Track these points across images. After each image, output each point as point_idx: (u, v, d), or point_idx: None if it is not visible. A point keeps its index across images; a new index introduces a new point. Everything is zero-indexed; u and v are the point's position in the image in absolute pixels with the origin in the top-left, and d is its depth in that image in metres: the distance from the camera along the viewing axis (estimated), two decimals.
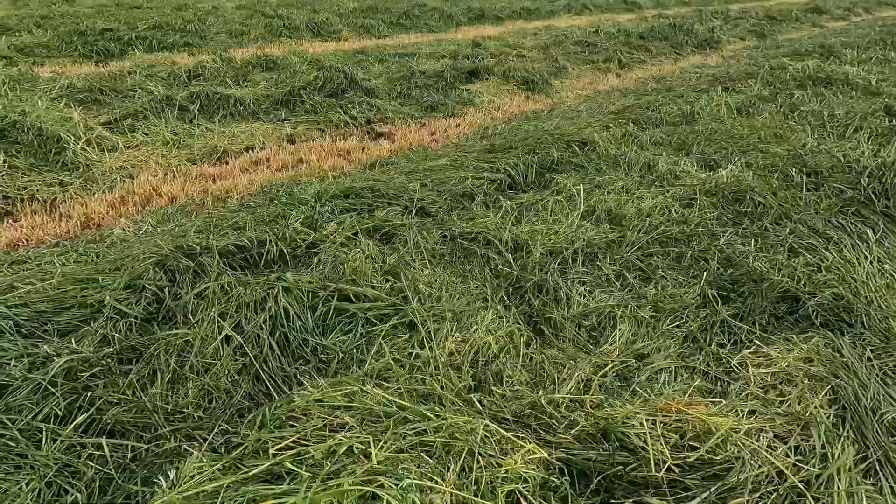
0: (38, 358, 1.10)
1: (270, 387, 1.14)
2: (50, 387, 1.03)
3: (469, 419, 0.90)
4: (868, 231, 1.79)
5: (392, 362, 1.11)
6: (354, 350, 1.24)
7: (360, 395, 0.95)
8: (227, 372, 1.15)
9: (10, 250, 1.89)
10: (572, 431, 0.94)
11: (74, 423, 1.00)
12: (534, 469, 0.84)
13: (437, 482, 0.78)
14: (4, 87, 3.60)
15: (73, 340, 1.20)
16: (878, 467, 1.05)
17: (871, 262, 1.61)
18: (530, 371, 1.22)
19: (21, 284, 1.35)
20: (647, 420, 0.92)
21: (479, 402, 1.04)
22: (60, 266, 1.65)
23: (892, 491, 1.00)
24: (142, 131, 2.91)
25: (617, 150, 2.53)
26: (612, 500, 0.90)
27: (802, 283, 1.52)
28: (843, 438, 1.07)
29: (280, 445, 0.85)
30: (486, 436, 0.89)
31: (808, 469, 0.99)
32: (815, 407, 1.15)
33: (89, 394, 1.05)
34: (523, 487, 0.82)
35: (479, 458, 0.82)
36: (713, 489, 0.89)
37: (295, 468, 0.82)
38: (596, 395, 1.06)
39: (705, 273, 1.57)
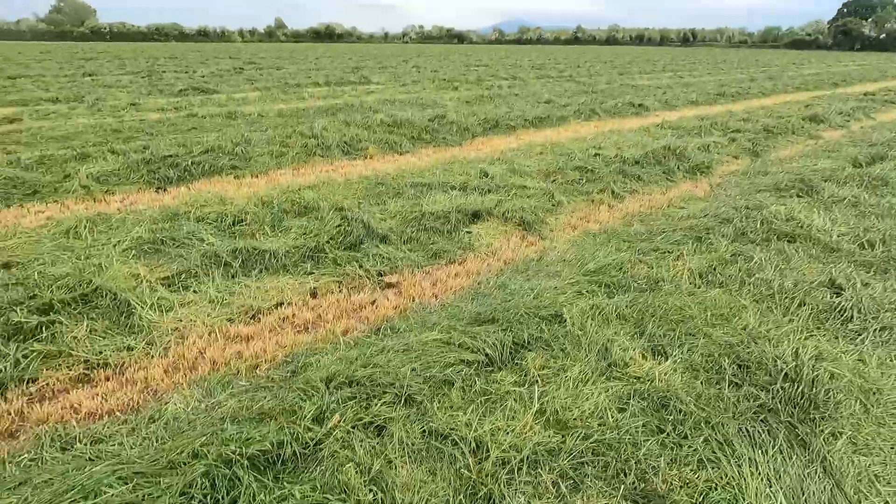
0: None
1: None
2: None
3: None
4: (770, 442, 2.18)
5: None
6: None
7: None
8: None
9: (88, 424, 2.43)
10: None
11: None
12: None
13: None
14: (85, 231, 4.38)
15: None
16: None
17: (760, 481, 2.00)
18: None
19: (105, 488, 1.86)
20: None
21: None
22: (129, 449, 2.18)
23: None
24: (193, 289, 3.54)
25: (581, 328, 3.00)
26: None
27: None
28: None
29: None
30: None
31: None
32: None
33: None
34: None
35: None
36: None
37: None
38: None
39: (622, 487, 1.98)
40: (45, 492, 1.93)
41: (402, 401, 2.43)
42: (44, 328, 2.92)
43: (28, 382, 2.67)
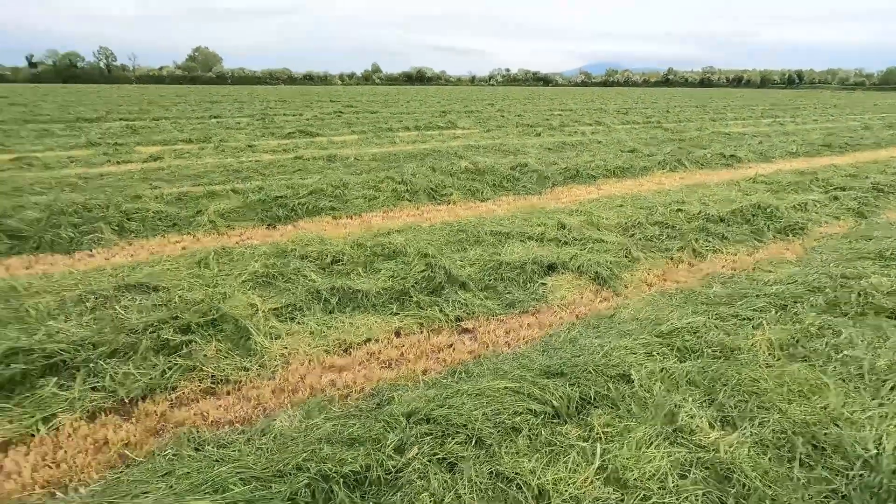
0: None
1: None
2: None
3: None
4: None
5: None
6: None
7: None
8: None
9: (214, 430, 2.93)
10: None
11: None
12: None
13: None
14: (212, 262, 5.16)
15: None
16: None
17: None
18: None
19: (230, 485, 2.29)
20: None
21: None
22: (246, 456, 2.62)
23: None
24: (297, 320, 4.09)
25: (648, 390, 3.10)
26: None
27: None
28: None
29: None
30: None
31: None
32: None
33: None
34: None
35: None
36: None
37: None
38: None
39: None
40: (185, 482, 2.41)
41: (473, 442, 2.69)
42: (184, 346, 3.56)
43: (169, 390, 3.27)
